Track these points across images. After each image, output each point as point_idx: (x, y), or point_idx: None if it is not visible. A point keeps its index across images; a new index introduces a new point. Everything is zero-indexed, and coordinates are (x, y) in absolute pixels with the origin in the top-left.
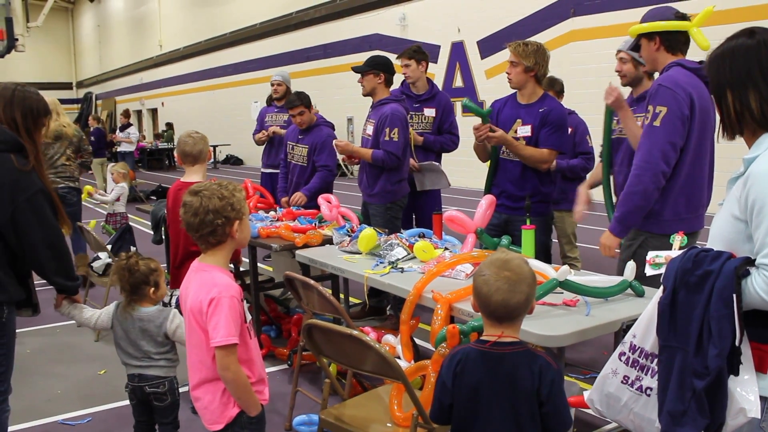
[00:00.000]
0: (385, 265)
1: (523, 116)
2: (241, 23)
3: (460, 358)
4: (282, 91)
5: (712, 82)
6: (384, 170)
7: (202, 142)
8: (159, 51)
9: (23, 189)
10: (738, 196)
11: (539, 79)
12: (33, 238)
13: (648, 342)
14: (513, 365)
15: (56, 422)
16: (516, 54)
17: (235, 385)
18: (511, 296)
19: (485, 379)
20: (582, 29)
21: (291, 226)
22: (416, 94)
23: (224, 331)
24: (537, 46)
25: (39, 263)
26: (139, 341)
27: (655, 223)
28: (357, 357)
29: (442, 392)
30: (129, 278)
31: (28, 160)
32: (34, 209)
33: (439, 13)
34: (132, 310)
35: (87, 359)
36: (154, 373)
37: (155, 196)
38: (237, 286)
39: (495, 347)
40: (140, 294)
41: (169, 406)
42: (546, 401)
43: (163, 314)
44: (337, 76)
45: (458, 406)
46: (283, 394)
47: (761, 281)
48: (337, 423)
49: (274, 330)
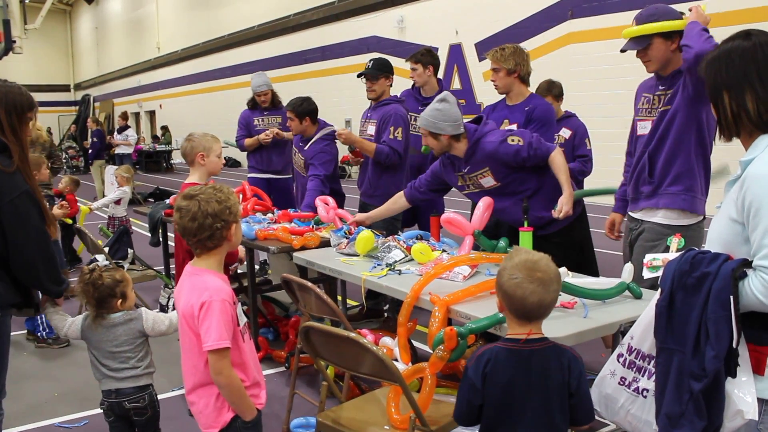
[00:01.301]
0: (382, 267)
1: (510, 116)
2: (238, 26)
3: (489, 358)
4: (270, 99)
5: (708, 84)
6: (386, 170)
7: (189, 141)
8: (157, 53)
9: (6, 191)
10: (735, 199)
11: (524, 79)
12: (17, 240)
13: (646, 344)
14: (544, 361)
15: (52, 425)
16: (495, 60)
17: (228, 390)
18: (545, 296)
19: (518, 376)
20: (580, 31)
21: (288, 228)
22: (424, 96)
23: (216, 334)
24: (513, 48)
25: (23, 266)
26: (115, 349)
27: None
28: (354, 359)
29: (472, 394)
30: (93, 293)
31: (12, 160)
32: (18, 212)
33: (437, 16)
34: (102, 319)
35: (83, 362)
36: (132, 384)
37: (153, 198)
38: (229, 289)
39: (526, 345)
40: (107, 307)
41: (150, 418)
42: (575, 393)
43: (131, 314)
44: (335, 79)
45: (489, 406)
46: (280, 397)
47: (758, 283)
48: (335, 426)
49: (271, 332)
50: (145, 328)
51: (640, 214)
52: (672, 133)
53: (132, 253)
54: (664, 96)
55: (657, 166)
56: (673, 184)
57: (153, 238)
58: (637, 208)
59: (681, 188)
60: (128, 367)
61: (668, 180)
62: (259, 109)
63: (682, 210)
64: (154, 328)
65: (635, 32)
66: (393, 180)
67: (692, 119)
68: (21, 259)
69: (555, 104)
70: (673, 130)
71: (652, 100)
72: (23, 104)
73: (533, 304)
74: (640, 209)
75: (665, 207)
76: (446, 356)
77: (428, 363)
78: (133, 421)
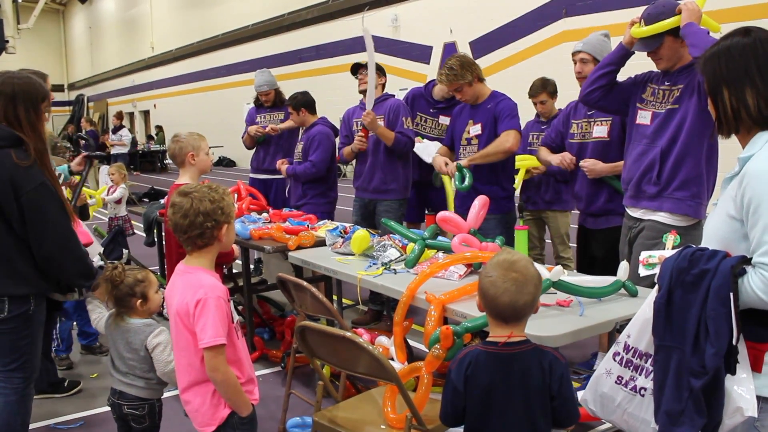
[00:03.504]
0: (378, 267)
1: (474, 116)
2: (233, 25)
3: (470, 361)
4: (272, 98)
5: (708, 81)
6: (400, 161)
7: (176, 143)
8: (151, 53)
9: (24, 184)
10: (733, 196)
11: (481, 80)
12: (35, 233)
13: (642, 342)
14: (524, 363)
15: (49, 426)
16: (452, 82)
17: (225, 386)
18: (518, 297)
19: (498, 379)
20: (574, 30)
21: (283, 227)
22: (434, 99)
23: (212, 331)
24: (458, 59)
25: (43, 258)
26: (125, 353)
27: None
28: (350, 359)
29: (455, 396)
30: (112, 291)
31: (29, 153)
32: (35, 205)
33: (431, 14)
34: (121, 320)
35: (80, 363)
36: (135, 393)
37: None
38: (223, 286)
39: (505, 348)
40: (126, 307)
41: (147, 428)
42: (557, 395)
43: (149, 329)
44: (329, 77)
45: (471, 408)
46: (276, 397)
47: (758, 280)
48: (331, 425)
49: (267, 332)
50: (148, 343)
51: (641, 212)
52: (683, 136)
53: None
54: (669, 92)
55: (665, 168)
56: (679, 189)
57: (148, 238)
58: (637, 206)
59: (688, 194)
60: (133, 375)
61: (675, 184)
62: (264, 106)
63: (686, 215)
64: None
65: (646, 32)
66: (406, 171)
67: (707, 125)
68: (41, 251)
69: (550, 101)
70: (685, 134)
71: (657, 93)
72: (38, 96)
73: (505, 304)
74: (641, 208)
75: (669, 211)
76: (442, 355)
77: (424, 362)
78: (130, 427)
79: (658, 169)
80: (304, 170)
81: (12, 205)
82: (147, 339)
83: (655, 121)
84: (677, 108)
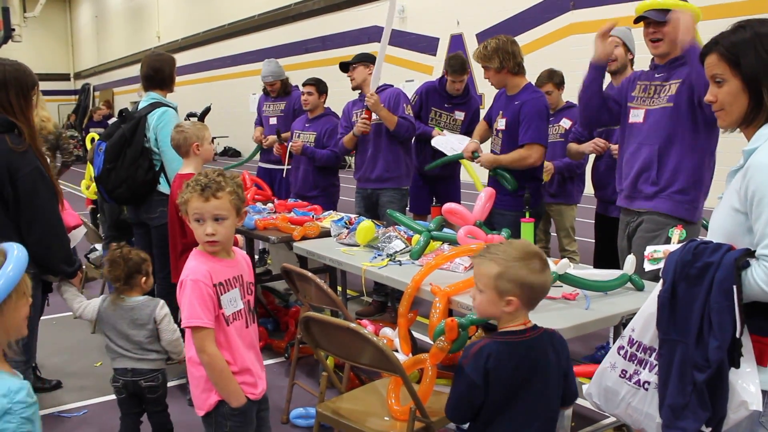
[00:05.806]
0: (383, 258)
1: (505, 109)
2: (239, 15)
3: (489, 354)
4: (278, 89)
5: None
6: (401, 150)
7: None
8: (157, 42)
9: (19, 167)
10: (738, 188)
11: (516, 72)
12: (26, 216)
13: (647, 336)
14: (541, 347)
15: (52, 414)
16: (480, 60)
17: (210, 368)
18: (549, 279)
19: (522, 367)
20: (582, 22)
21: (288, 217)
22: (449, 94)
23: (187, 312)
24: (496, 43)
25: (33, 243)
26: (130, 331)
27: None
28: (354, 350)
29: (473, 393)
30: (124, 266)
31: (23, 138)
32: (27, 188)
33: (438, 6)
34: (121, 301)
35: (83, 351)
36: (149, 366)
37: None
38: (205, 270)
39: (526, 335)
40: (132, 283)
41: (161, 395)
42: (567, 372)
43: (153, 302)
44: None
45: (491, 401)
46: (280, 387)
47: (761, 272)
48: (335, 416)
49: (271, 323)
50: (157, 316)
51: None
52: (681, 135)
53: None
54: (662, 88)
55: (665, 169)
56: (678, 192)
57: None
58: (632, 207)
59: (686, 198)
60: (143, 349)
61: (674, 187)
62: (270, 94)
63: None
64: (162, 321)
65: (658, 4)
66: (408, 159)
67: (705, 122)
68: (30, 235)
69: (556, 92)
70: (683, 133)
71: (649, 88)
72: (28, 83)
73: (546, 289)
74: (637, 208)
75: (666, 211)
76: (447, 347)
77: (429, 354)
78: (145, 399)
79: (657, 170)
80: (326, 157)
81: (7, 188)
82: (155, 311)
83: (650, 120)
84: (672, 106)
